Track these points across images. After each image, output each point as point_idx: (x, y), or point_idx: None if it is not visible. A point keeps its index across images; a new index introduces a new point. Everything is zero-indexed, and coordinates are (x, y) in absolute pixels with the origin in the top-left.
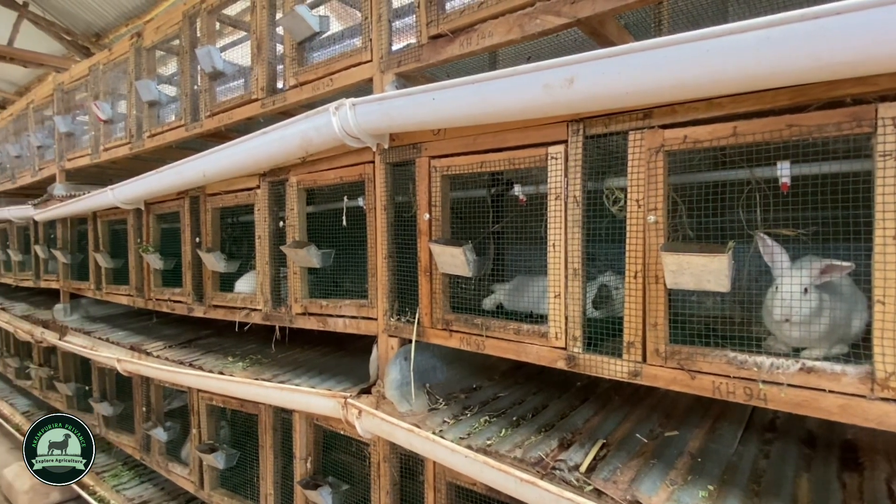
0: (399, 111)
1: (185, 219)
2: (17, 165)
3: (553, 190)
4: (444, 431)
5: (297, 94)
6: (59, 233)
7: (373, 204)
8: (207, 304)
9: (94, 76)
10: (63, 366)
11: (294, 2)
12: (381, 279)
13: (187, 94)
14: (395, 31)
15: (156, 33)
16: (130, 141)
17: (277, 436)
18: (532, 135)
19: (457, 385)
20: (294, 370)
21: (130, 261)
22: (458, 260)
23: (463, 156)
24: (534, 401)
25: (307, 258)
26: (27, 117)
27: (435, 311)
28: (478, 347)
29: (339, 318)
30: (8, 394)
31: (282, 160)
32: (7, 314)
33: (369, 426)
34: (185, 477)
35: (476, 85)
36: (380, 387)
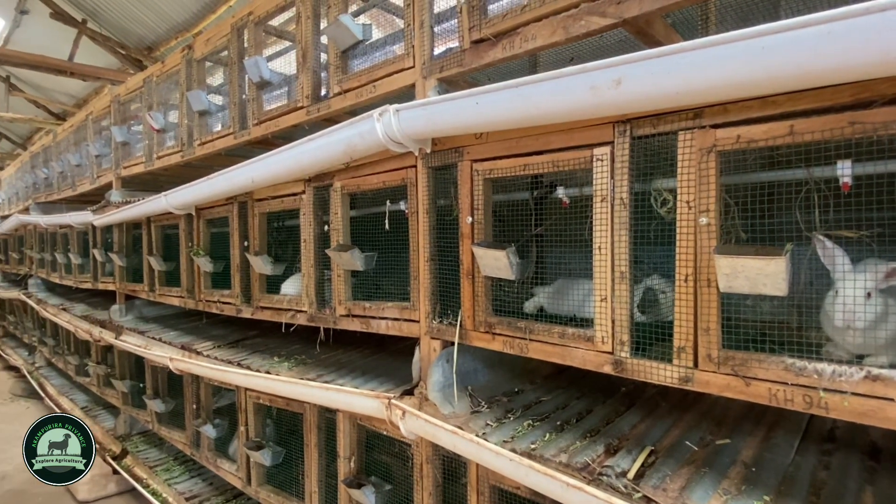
0: (442, 116)
1: (234, 223)
2: (77, 174)
3: (599, 192)
4: (487, 434)
5: (341, 102)
6: (116, 237)
7: (415, 207)
8: (255, 306)
9: (147, 88)
10: (119, 364)
11: (338, 11)
12: (423, 282)
13: (235, 104)
14: (435, 36)
15: (206, 45)
16: (182, 149)
17: (321, 435)
18: (577, 136)
19: (498, 388)
20: (337, 370)
21: (182, 264)
22: (502, 263)
23: (505, 159)
24: (577, 406)
25: (351, 261)
26: (86, 128)
27: (477, 314)
28: (521, 351)
29: (381, 319)
30: (68, 389)
31: (327, 166)
32: (68, 314)
33: (413, 427)
34: (233, 473)
35: (520, 88)
36: (422, 388)
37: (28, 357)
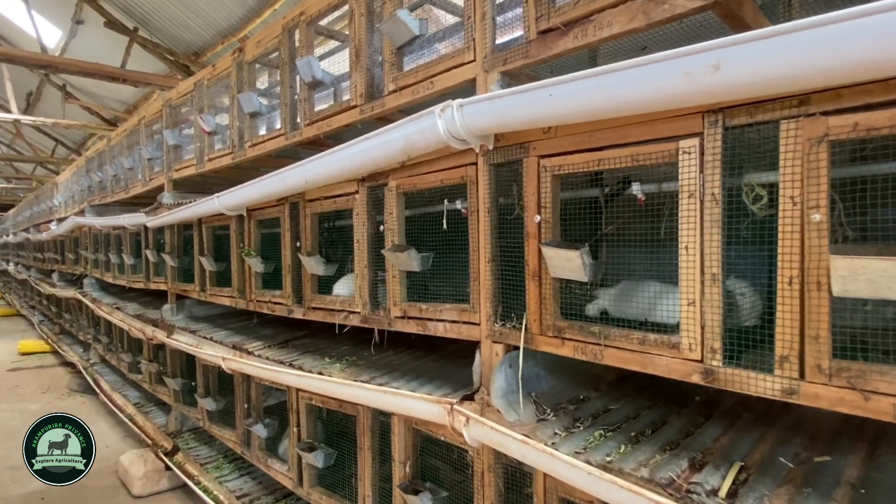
0: (510, 110)
1: (286, 224)
2: (130, 177)
3: (686, 187)
4: (557, 444)
5: (396, 99)
6: (168, 238)
7: (475, 206)
8: (307, 307)
9: (198, 91)
10: (170, 362)
11: (393, 7)
12: (483, 283)
13: (287, 104)
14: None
15: (256, 47)
16: (233, 151)
17: (375, 438)
18: (659, 128)
19: (562, 395)
20: (390, 373)
21: (232, 264)
22: (574, 264)
23: (576, 154)
24: (650, 415)
25: (407, 261)
26: (139, 132)
27: (545, 318)
28: (595, 357)
29: (439, 322)
30: (121, 386)
31: (382, 165)
32: (121, 313)
33: (478, 435)
34: (284, 473)
35: (600, 77)
36: (483, 394)
37: (83, 354)
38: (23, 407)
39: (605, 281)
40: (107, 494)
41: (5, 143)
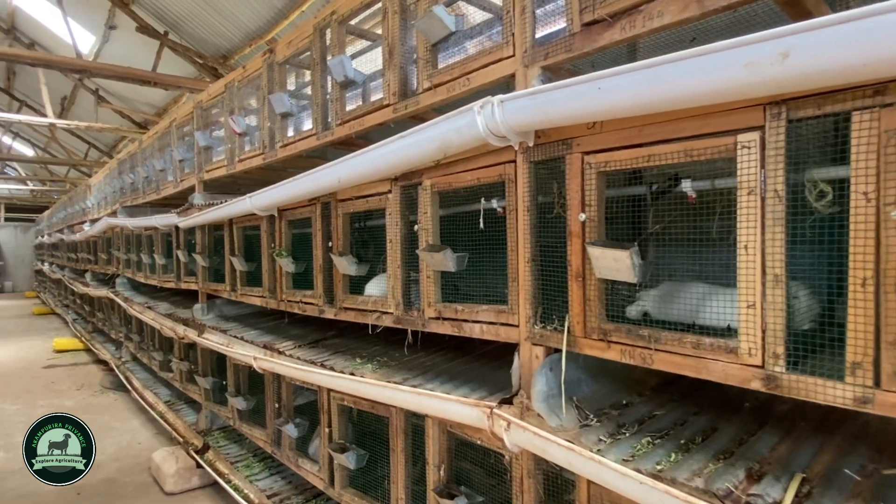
0: (554, 105)
1: (317, 224)
2: (161, 178)
3: (745, 184)
4: (603, 451)
5: (431, 97)
6: (199, 238)
7: (514, 205)
8: (338, 307)
9: (229, 93)
10: (201, 361)
11: (428, 3)
12: (522, 284)
13: (318, 104)
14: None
15: (287, 48)
16: (264, 151)
17: (408, 440)
18: (715, 122)
19: (605, 400)
20: (423, 374)
21: (263, 264)
22: (622, 264)
23: (624, 150)
24: (698, 422)
25: (443, 262)
26: (170, 134)
27: (589, 320)
28: (643, 361)
29: (475, 323)
30: (153, 384)
31: (417, 164)
32: (153, 312)
33: (520, 440)
34: (315, 474)
35: (655, 69)
36: (523, 398)
37: (115, 352)
38: (59, 403)
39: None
40: (140, 491)
41: (41, 147)
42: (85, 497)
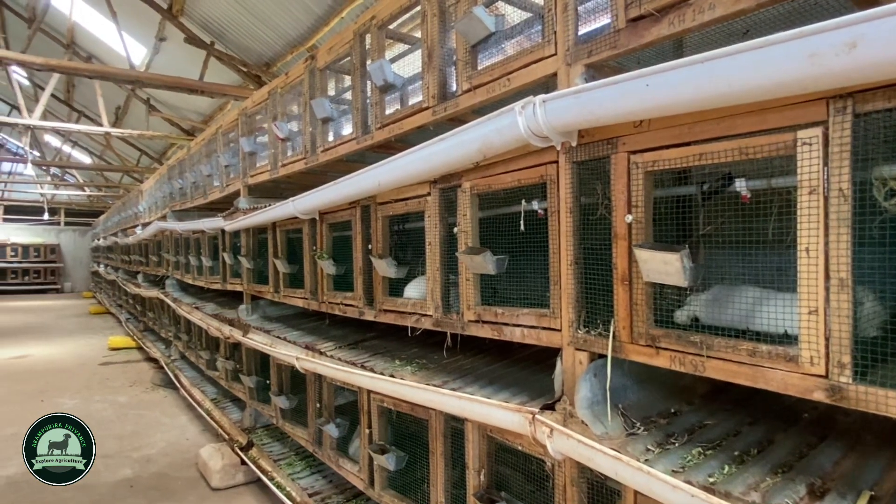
0: (600, 104)
1: (357, 227)
2: (207, 183)
3: (806, 183)
4: (651, 461)
5: (470, 99)
6: (243, 241)
7: (556, 207)
8: (378, 309)
9: (272, 100)
10: (246, 360)
11: (467, 5)
12: (565, 287)
13: (358, 108)
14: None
15: (328, 54)
16: (305, 156)
17: (447, 443)
18: (772, 118)
19: (652, 408)
20: (462, 378)
21: (305, 266)
22: (672, 267)
23: (673, 148)
24: (752, 433)
25: (483, 264)
26: (217, 140)
27: (636, 325)
28: (695, 369)
29: (515, 327)
30: (199, 382)
31: (457, 166)
32: (200, 312)
33: (563, 447)
34: (355, 474)
35: (708, 64)
36: (566, 404)
37: (165, 350)
38: (113, 399)
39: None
40: (188, 485)
41: (97, 155)
42: (138, 490)
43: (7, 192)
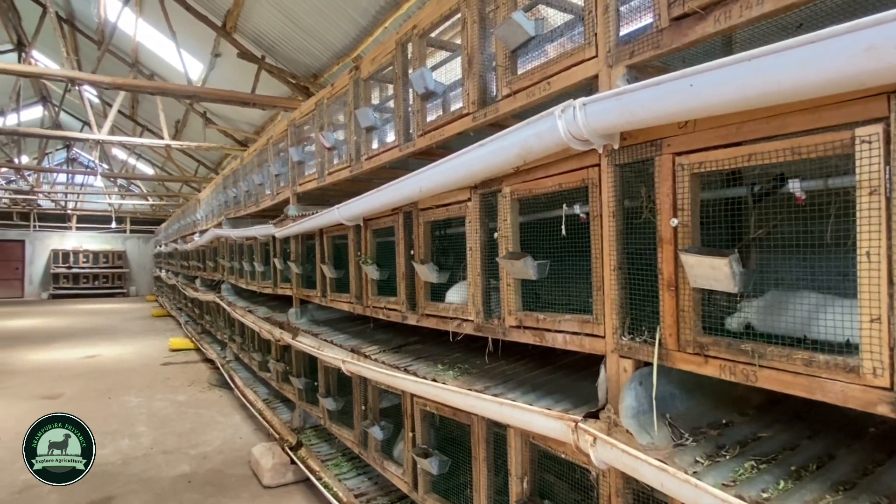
0: (642, 105)
1: (399, 233)
2: (259, 192)
3: (865, 183)
4: (699, 474)
5: (510, 104)
6: (293, 247)
7: (598, 211)
8: (420, 313)
9: (319, 110)
10: (295, 362)
11: (506, 10)
12: (608, 293)
13: (400, 116)
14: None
15: (371, 64)
16: (350, 164)
17: (490, 449)
18: (827, 115)
19: (701, 418)
20: (504, 383)
21: (350, 271)
22: (721, 273)
23: (720, 149)
24: (811, 447)
25: (523, 269)
26: (267, 151)
27: (683, 332)
28: (746, 378)
29: (557, 333)
30: (252, 383)
31: (497, 171)
32: (253, 315)
33: (607, 457)
34: (399, 476)
35: (754, 62)
36: (610, 412)
37: (221, 352)
38: (173, 398)
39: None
40: (241, 482)
41: (159, 166)
42: (195, 485)
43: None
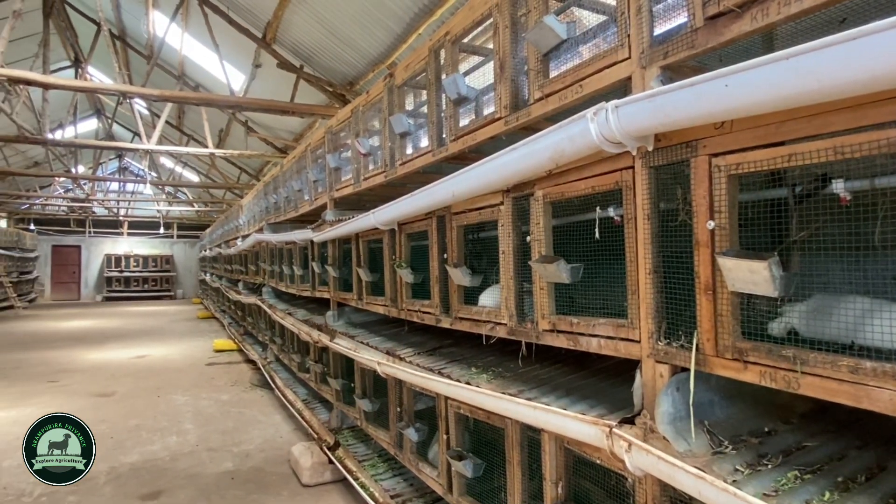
0: (676, 107)
1: (433, 236)
2: (298, 197)
3: None
4: (739, 482)
5: (542, 107)
6: (330, 251)
7: (632, 214)
8: (454, 317)
9: (355, 117)
10: (333, 363)
11: (538, 14)
12: (643, 297)
13: (433, 122)
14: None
15: (405, 71)
16: (385, 170)
17: (524, 453)
18: (872, 113)
19: (741, 426)
20: (538, 387)
21: (385, 275)
22: (760, 276)
23: (759, 149)
24: (860, 458)
25: (556, 273)
26: (306, 157)
27: (721, 337)
28: (788, 385)
29: (592, 337)
30: (292, 383)
31: (529, 175)
32: (292, 318)
33: (642, 463)
34: (434, 479)
35: (790, 61)
36: (646, 418)
37: (262, 353)
38: (217, 397)
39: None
40: (281, 480)
41: (203, 173)
42: (238, 482)
43: (130, 209)
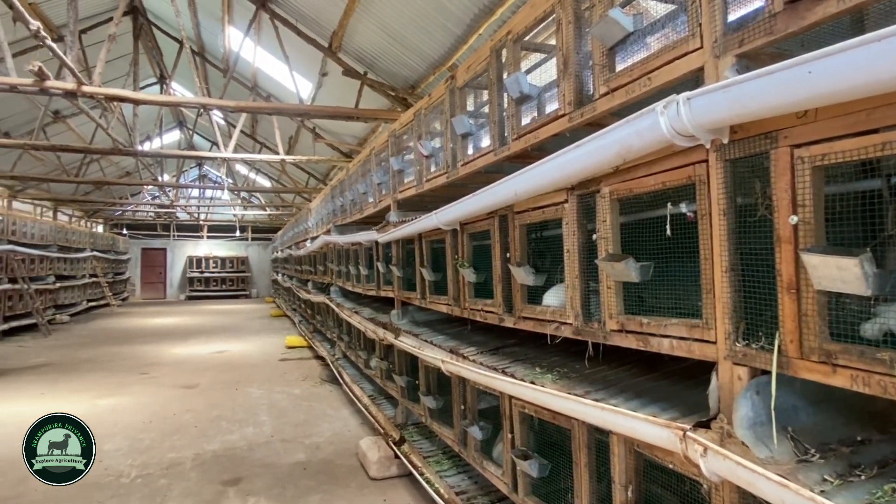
0: (752, 97)
1: (495, 236)
2: (363, 200)
3: None
4: (828, 493)
5: (608, 102)
6: (394, 251)
7: (706, 209)
8: (517, 316)
9: (417, 120)
10: (398, 361)
11: (603, 8)
12: (720, 296)
13: (495, 122)
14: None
15: (466, 73)
16: (447, 171)
17: (592, 455)
18: None
19: (830, 434)
20: (605, 389)
21: (448, 275)
22: (850, 274)
23: (847, 139)
24: None
25: (625, 272)
26: (370, 161)
27: (806, 338)
28: (884, 391)
29: (663, 338)
30: (359, 379)
31: (594, 172)
32: (359, 316)
33: (719, 468)
34: (499, 477)
35: (882, 44)
36: (723, 422)
37: (330, 349)
38: (289, 391)
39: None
40: (350, 473)
41: (275, 179)
42: (310, 473)
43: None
